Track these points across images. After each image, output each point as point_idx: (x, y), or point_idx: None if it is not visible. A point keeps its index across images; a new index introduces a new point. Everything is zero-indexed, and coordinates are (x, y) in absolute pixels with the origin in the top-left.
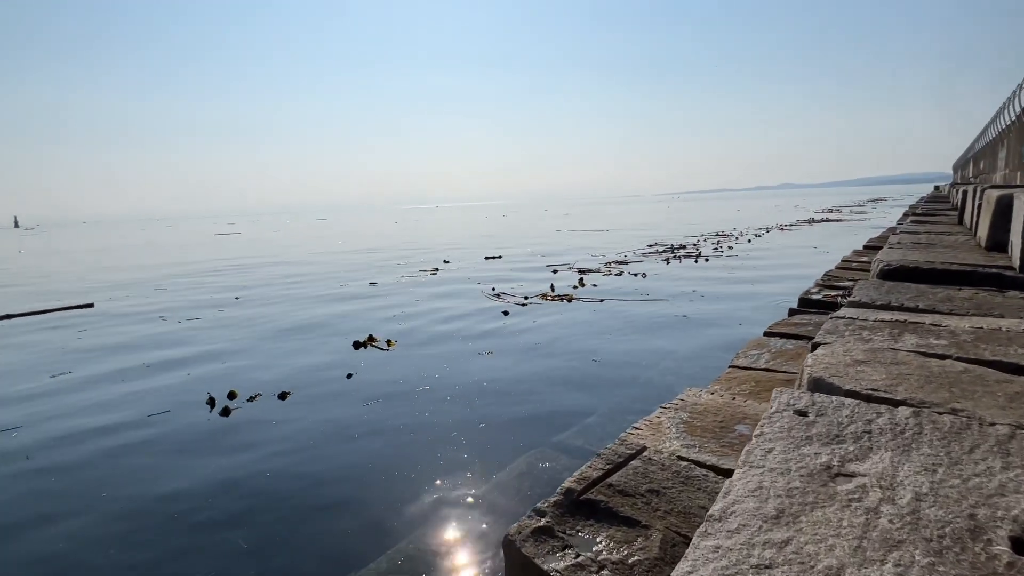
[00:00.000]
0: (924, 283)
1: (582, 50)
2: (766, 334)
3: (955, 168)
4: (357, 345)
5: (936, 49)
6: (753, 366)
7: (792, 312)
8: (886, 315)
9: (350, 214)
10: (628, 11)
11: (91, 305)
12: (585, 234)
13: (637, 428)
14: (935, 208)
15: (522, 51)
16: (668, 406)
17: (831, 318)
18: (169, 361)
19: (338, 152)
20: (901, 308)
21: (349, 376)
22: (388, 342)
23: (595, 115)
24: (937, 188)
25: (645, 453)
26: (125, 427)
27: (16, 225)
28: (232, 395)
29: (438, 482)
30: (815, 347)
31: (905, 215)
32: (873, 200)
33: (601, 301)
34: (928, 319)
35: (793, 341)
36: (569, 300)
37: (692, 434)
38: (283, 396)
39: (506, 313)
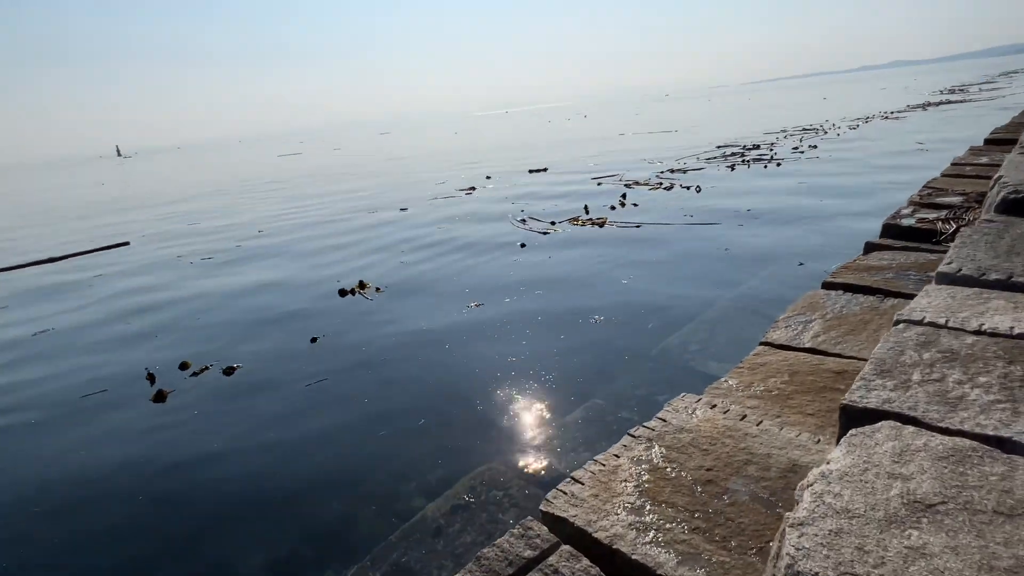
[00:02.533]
0: None
1: None
2: (826, 285)
3: None
4: (343, 293)
5: None
6: (793, 344)
7: (870, 247)
8: (1002, 318)
9: (416, 126)
10: None
11: (127, 244)
12: (650, 137)
13: (577, 482)
14: None
15: None
16: (640, 432)
17: (894, 326)
18: (147, 315)
19: (411, 64)
20: None
21: (314, 340)
22: (377, 289)
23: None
24: None
25: (552, 559)
26: (38, 407)
27: (119, 154)
28: (184, 366)
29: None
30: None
31: None
32: (1007, 73)
33: (638, 226)
34: None
35: (862, 297)
36: (601, 225)
37: (656, 500)
38: (229, 371)
39: (523, 245)
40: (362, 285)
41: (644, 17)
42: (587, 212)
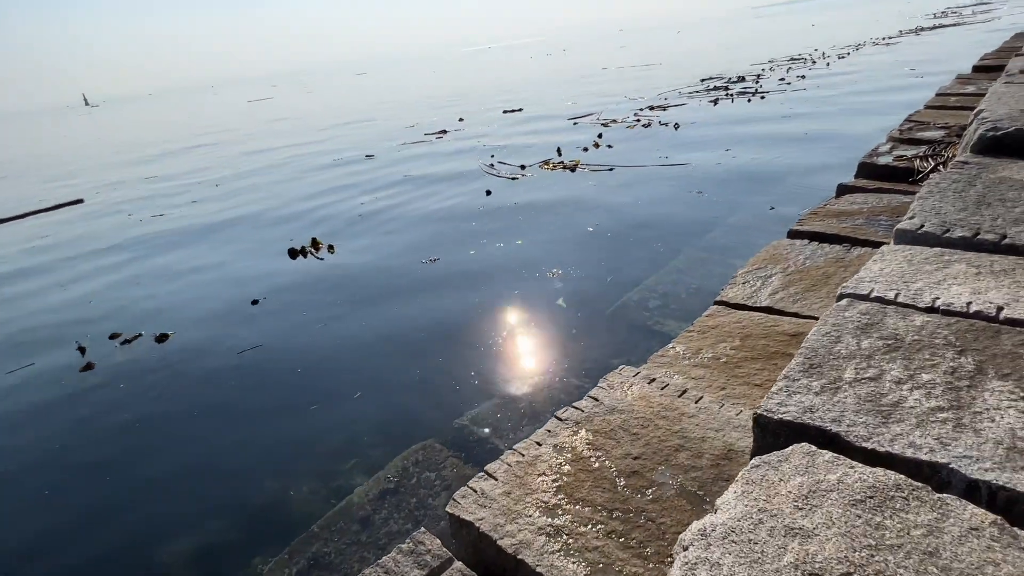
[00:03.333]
0: None
1: None
2: (791, 234)
3: None
4: (294, 253)
5: None
6: (748, 302)
7: (842, 189)
8: (960, 290)
9: (395, 66)
10: None
11: (80, 201)
12: (634, 71)
13: (491, 477)
14: None
15: None
16: (567, 415)
17: (837, 301)
18: (86, 281)
19: (383, 4)
20: (1004, 248)
21: (255, 303)
22: (330, 247)
23: None
24: None
25: None
26: None
27: (86, 103)
28: (114, 335)
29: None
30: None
31: None
32: None
33: (611, 169)
34: None
35: (827, 247)
36: (572, 169)
37: (574, 497)
38: (162, 338)
39: (488, 193)
40: (314, 243)
41: None
42: (559, 155)
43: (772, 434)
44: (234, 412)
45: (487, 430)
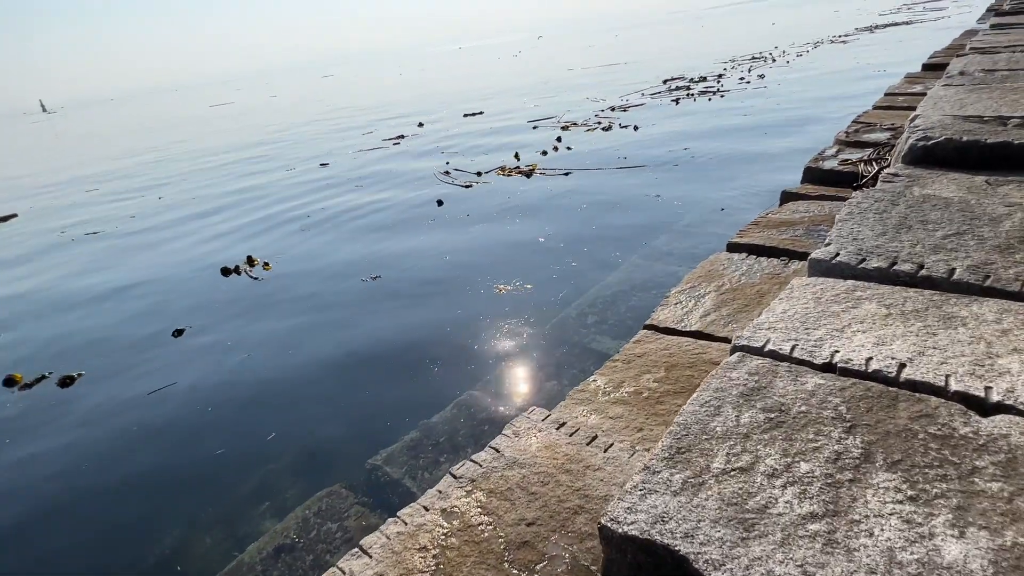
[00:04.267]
0: (989, 171)
1: None
2: (730, 247)
3: None
4: (226, 271)
5: None
6: (679, 326)
7: (786, 196)
8: (864, 339)
9: (362, 66)
10: None
11: (14, 216)
12: (599, 71)
13: (364, 554)
14: None
15: None
16: (463, 471)
17: (730, 355)
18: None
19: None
20: (920, 281)
21: (178, 333)
22: (266, 264)
23: None
24: None
25: None
26: None
27: (43, 109)
28: (10, 381)
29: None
30: None
31: (989, 10)
32: None
33: (567, 174)
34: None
35: (765, 261)
36: (528, 175)
37: None
38: (67, 381)
39: (440, 203)
40: (250, 261)
41: None
42: (517, 159)
43: (618, 549)
44: (135, 463)
45: (401, 471)
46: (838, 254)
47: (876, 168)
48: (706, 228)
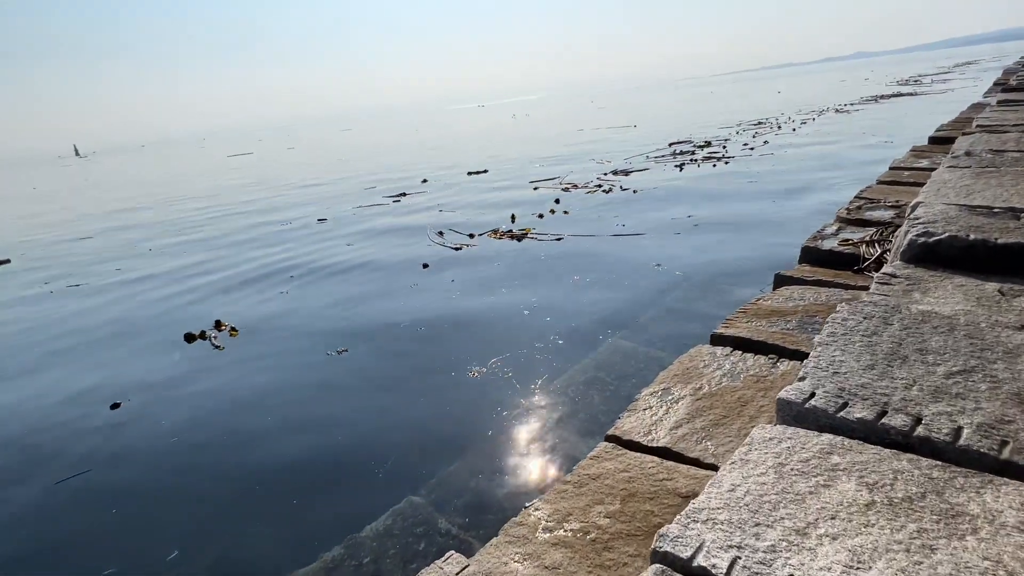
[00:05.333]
0: (1001, 275)
1: None
2: (714, 339)
3: None
4: (190, 337)
5: None
6: (645, 439)
7: (780, 280)
8: (834, 551)
9: (382, 122)
10: None
11: (7, 261)
12: (607, 132)
13: None
14: None
15: None
16: None
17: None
18: None
19: (394, 55)
20: (916, 443)
21: (115, 407)
22: (232, 330)
23: None
24: None
25: None
26: None
27: (77, 153)
28: None
29: None
30: None
31: (996, 84)
32: (962, 64)
33: (559, 239)
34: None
35: (751, 359)
36: (520, 239)
37: None
38: None
39: (426, 266)
40: (218, 325)
41: (616, 13)
42: (513, 221)
43: None
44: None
45: None
46: (813, 394)
47: (879, 251)
48: (697, 305)
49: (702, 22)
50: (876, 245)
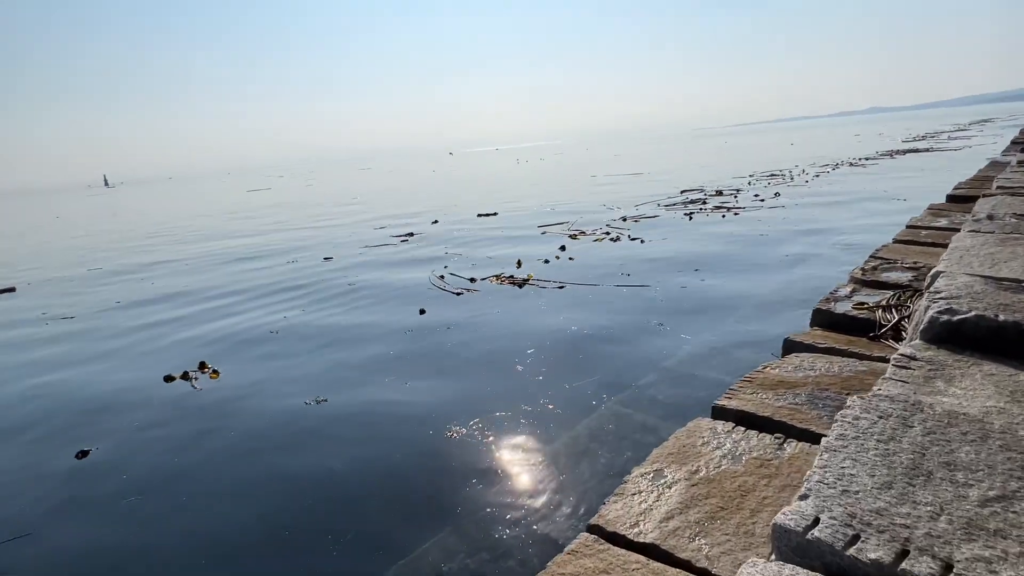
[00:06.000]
0: None
1: None
2: (716, 412)
3: None
4: (170, 378)
5: None
6: (631, 533)
7: (789, 346)
8: None
9: (402, 160)
10: None
11: (12, 290)
12: (618, 180)
13: None
14: None
15: None
16: None
17: None
18: None
19: (412, 97)
20: None
21: (82, 455)
22: (214, 372)
23: (670, 45)
24: None
25: None
26: None
27: (106, 183)
28: None
29: None
30: None
31: (1014, 143)
32: (978, 122)
33: (561, 287)
34: None
35: (756, 438)
36: (521, 285)
37: None
38: None
39: (423, 312)
40: (202, 366)
41: (634, 64)
42: (519, 266)
43: None
44: None
45: None
46: (817, 520)
47: (896, 317)
48: (700, 370)
49: (719, 74)
50: (893, 310)
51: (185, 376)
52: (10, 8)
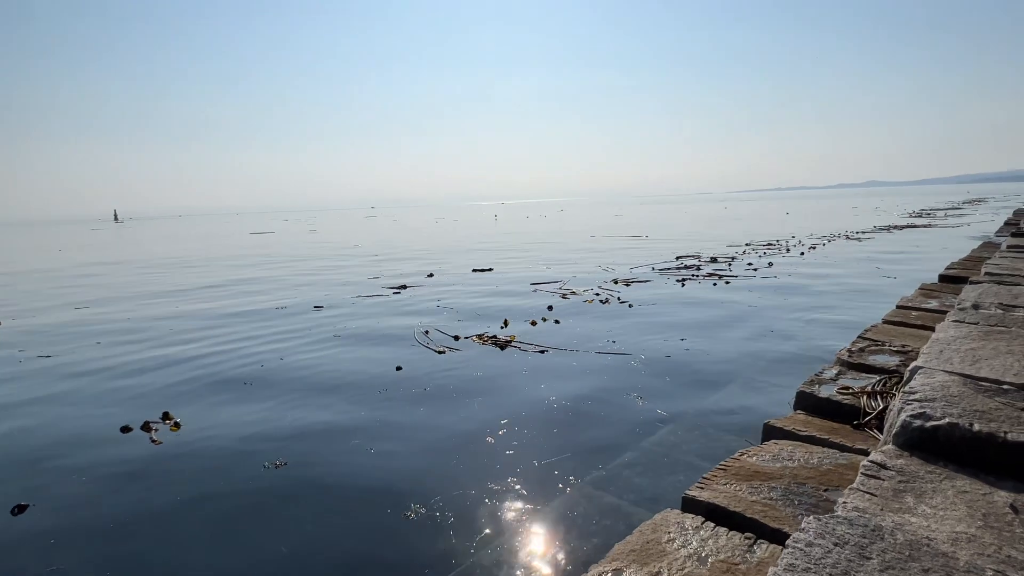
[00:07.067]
0: (1015, 478)
1: (658, 47)
2: (686, 503)
3: None
4: (127, 429)
5: None
6: None
7: (769, 432)
8: None
9: (407, 210)
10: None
11: None
12: (617, 242)
13: None
14: None
15: (603, 49)
16: None
17: None
18: None
19: (419, 148)
20: None
21: (17, 511)
22: (176, 425)
23: (674, 111)
24: None
25: None
26: None
27: (116, 218)
28: None
29: None
30: None
31: (1007, 224)
32: (972, 201)
33: (542, 352)
34: None
35: (725, 537)
36: (503, 347)
37: None
38: None
39: (399, 368)
40: (165, 417)
41: (636, 129)
42: (506, 326)
43: None
44: None
45: None
46: None
47: (881, 405)
48: (678, 451)
49: (722, 143)
50: (879, 397)
51: (146, 427)
52: (39, 41)
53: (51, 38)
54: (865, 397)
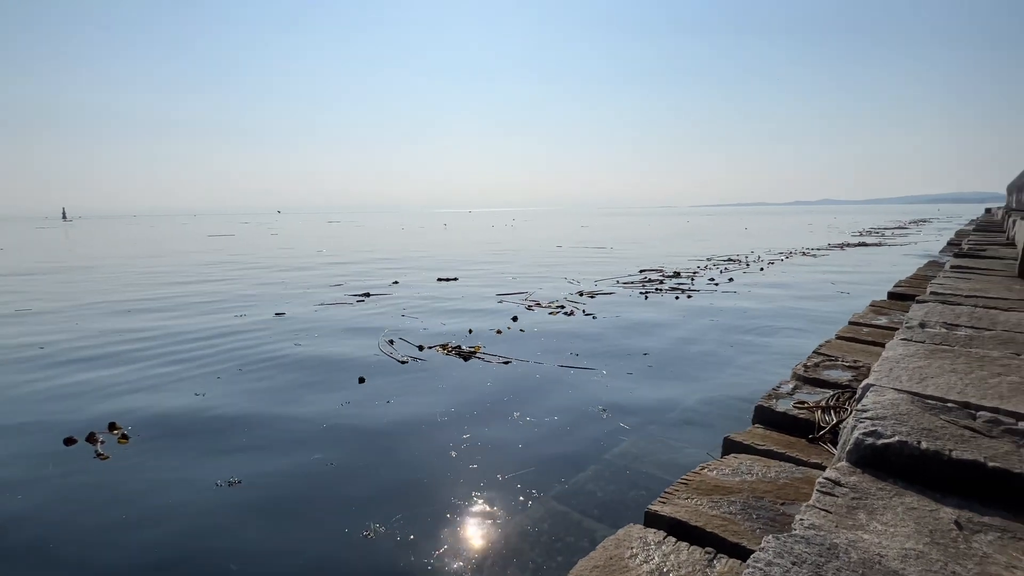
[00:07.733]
0: (959, 495)
1: (628, 61)
2: (649, 518)
3: (1010, 190)
4: (70, 441)
5: (988, 62)
6: None
7: (729, 446)
8: None
9: (374, 217)
10: (690, 19)
11: None
12: (583, 252)
13: None
14: (985, 241)
15: (569, 63)
16: None
17: None
18: None
19: (386, 156)
20: None
21: None
22: (123, 436)
23: (636, 126)
24: (989, 211)
25: None
26: None
27: (64, 217)
28: None
29: None
30: None
31: (950, 244)
32: (917, 221)
33: (507, 363)
34: None
35: (686, 552)
36: (466, 358)
37: None
38: None
39: (362, 380)
40: (112, 427)
41: (601, 144)
42: (470, 333)
43: None
44: None
45: None
46: None
47: (834, 419)
48: (641, 463)
49: (684, 158)
50: (832, 412)
51: (91, 438)
52: None
53: (2, 31)
54: (819, 412)
